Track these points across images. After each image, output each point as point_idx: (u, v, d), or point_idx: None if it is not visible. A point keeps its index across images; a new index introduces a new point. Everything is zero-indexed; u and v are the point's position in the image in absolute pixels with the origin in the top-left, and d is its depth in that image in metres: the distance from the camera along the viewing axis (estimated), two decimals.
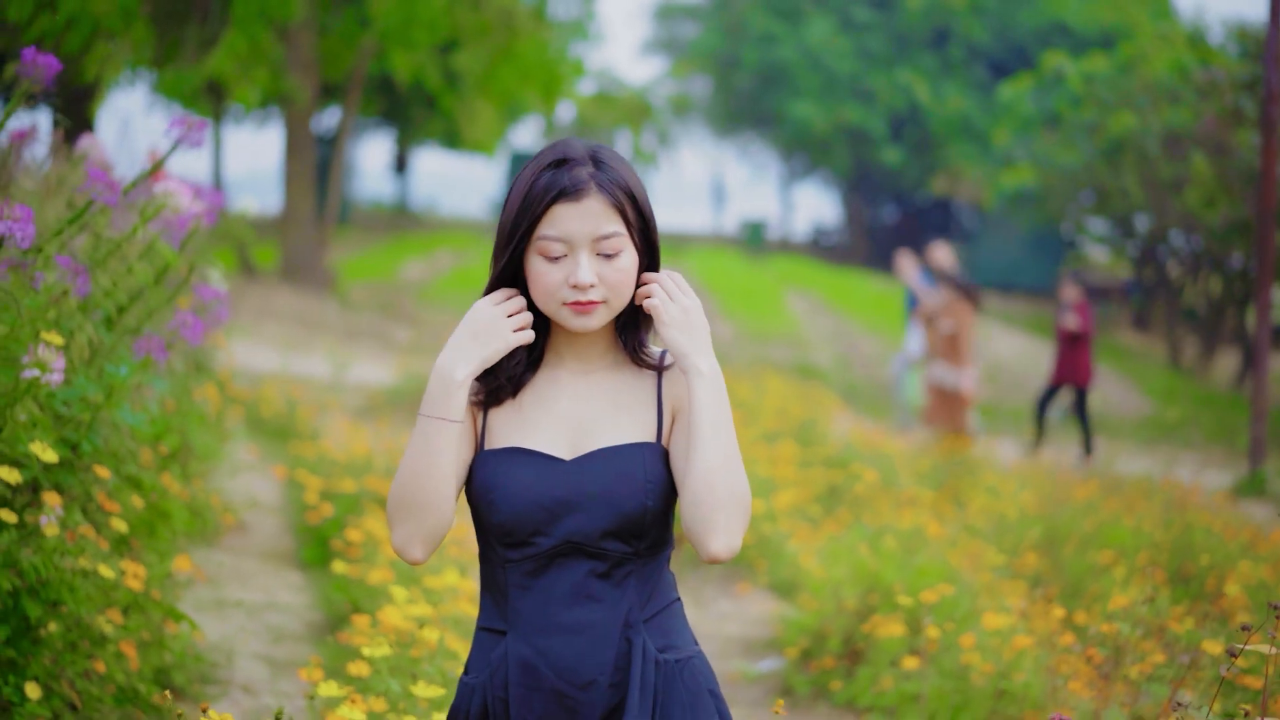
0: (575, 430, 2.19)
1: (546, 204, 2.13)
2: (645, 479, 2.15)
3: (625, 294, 2.17)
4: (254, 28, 16.98)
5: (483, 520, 2.18)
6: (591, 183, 2.15)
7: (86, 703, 3.65)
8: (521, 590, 2.16)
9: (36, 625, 3.48)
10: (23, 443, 3.36)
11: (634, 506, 2.14)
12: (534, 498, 2.14)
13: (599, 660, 2.14)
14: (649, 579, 2.19)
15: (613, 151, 2.22)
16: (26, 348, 3.30)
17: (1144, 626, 3.98)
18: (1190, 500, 7.96)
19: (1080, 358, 12.55)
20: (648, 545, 2.17)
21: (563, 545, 2.14)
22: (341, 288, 20.14)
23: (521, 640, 2.15)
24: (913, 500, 7.19)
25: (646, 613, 2.18)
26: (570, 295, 2.14)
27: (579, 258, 2.14)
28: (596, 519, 2.13)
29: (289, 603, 5.66)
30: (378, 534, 5.31)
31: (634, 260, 2.17)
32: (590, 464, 2.16)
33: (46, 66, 3.68)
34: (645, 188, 2.23)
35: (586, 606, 2.15)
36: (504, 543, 2.16)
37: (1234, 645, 1.88)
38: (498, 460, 2.17)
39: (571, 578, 2.14)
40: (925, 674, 4.43)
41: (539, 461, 2.16)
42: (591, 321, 2.16)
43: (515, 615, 2.16)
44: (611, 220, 2.15)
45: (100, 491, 3.90)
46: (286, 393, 9.89)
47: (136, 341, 3.77)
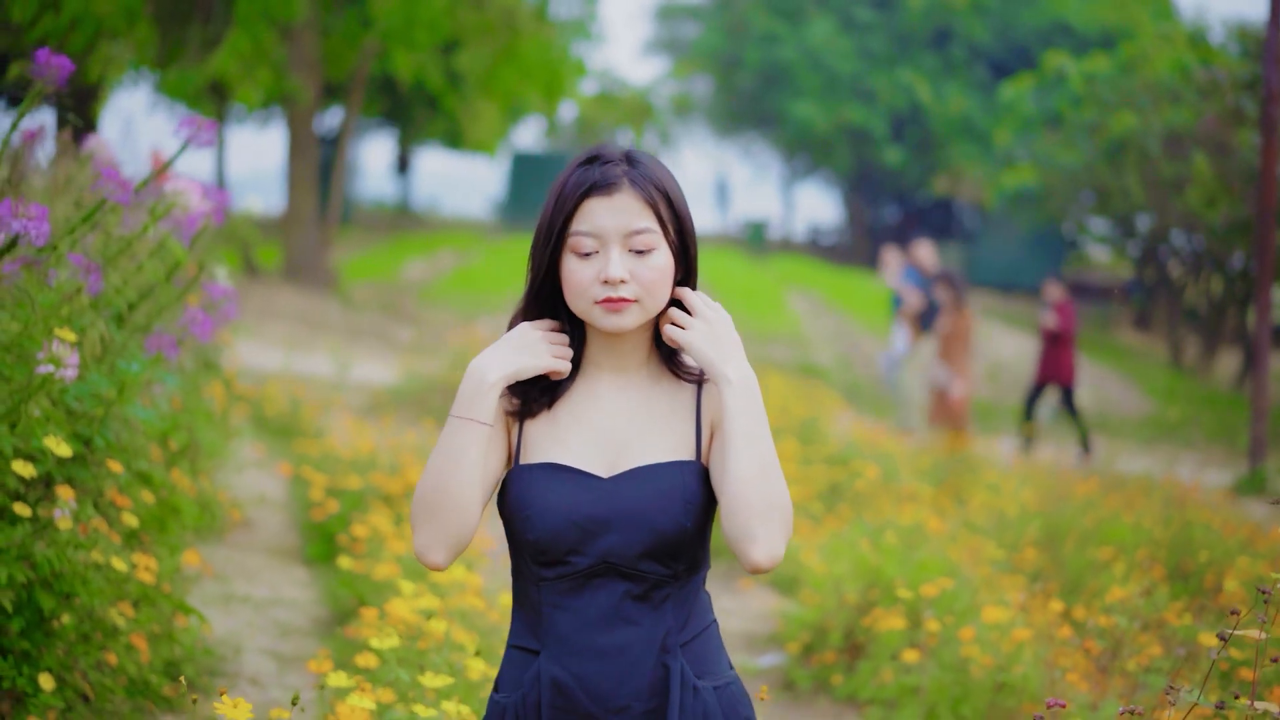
0: (612, 445, 2.14)
1: (578, 199, 2.11)
2: (684, 499, 2.09)
3: (659, 294, 2.11)
4: (257, 28, 17.03)
5: (517, 537, 2.12)
6: (625, 178, 2.12)
7: (99, 694, 3.71)
8: (556, 610, 2.10)
9: (50, 617, 3.53)
10: (37, 437, 3.41)
11: (672, 527, 2.08)
12: (569, 516, 2.08)
13: (634, 686, 2.08)
14: (686, 601, 2.13)
15: (650, 155, 2.19)
16: (41, 344, 3.35)
17: (1141, 620, 4.02)
18: (1190, 498, 8.01)
19: (1062, 357, 12.64)
20: (686, 567, 2.11)
21: (599, 565, 2.09)
22: (344, 287, 20.20)
23: (555, 661, 2.10)
24: (913, 496, 7.24)
25: (684, 636, 2.12)
26: (601, 292, 2.09)
27: (610, 253, 2.09)
28: (633, 540, 2.08)
29: (295, 598, 5.72)
30: (383, 530, 5.36)
31: (668, 260, 2.12)
32: (628, 482, 2.10)
33: (60, 67, 3.73)
34: (684, 194, 2.18)
35: (622, 629, 2.09)
36: (538, 561, 2.11)
37: (1224, 630, 1.93)
38: (533, 476, 2.12)
39: (608, 599, 2.09)
40: (925, 667, 4.49)
41: (575, 478, 2.11)
42: (624, 320, 2.10)
43: (549, 635, 2.11)
44: (644, 216, 2.11)
45: (111, 486, 3.95)
46: (290, 391, 9.95)
47: (148, 338, 3.82)
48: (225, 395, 6.91)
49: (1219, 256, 20.27)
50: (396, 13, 18.08)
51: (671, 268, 2.13)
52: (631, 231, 2.10)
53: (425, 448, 7.27)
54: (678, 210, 2.15)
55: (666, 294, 2.13)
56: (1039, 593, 5.09)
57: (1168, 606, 4.52)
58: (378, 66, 22.49)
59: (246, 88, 18.27)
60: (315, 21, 18.81)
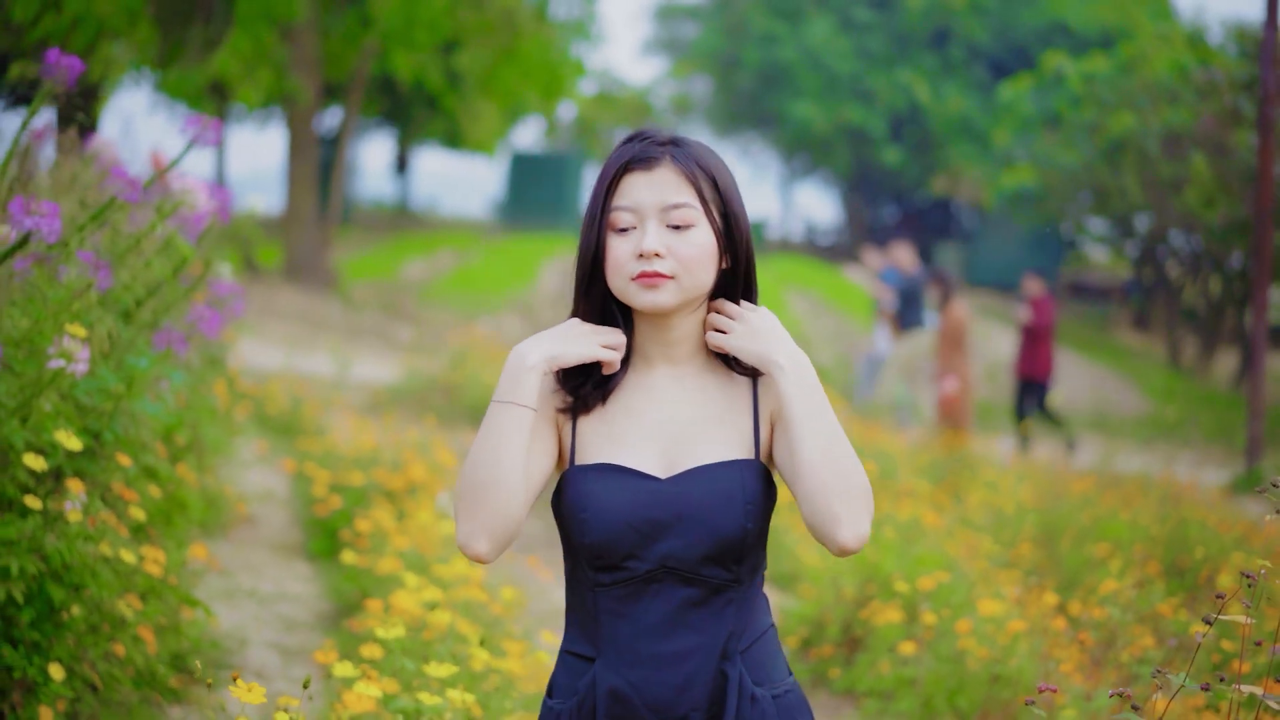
0: (669, 443, 2.07)
1: (618, 174, 2.06)
2: (745, 500, 2.02)
3: (698, 273, 2.05)
4: (258, 28, 17.08)
5: (572, 541, 2.05)
6: (666, 155, 2.07)
7: (107, 684, 3.76)
8: (613, 617, 2.04)
9: (59, 608, 3.58)
10: (48, 431, 3.46)
11: (734, 529, 2.01)
12: (627, 519, 2.02)
13: (694, 695, 2.02)
14: (746, 606, 2.06)
15: (702, 143, 2.13)
16: (51, 340, 3.41)
17: (1134, 612, 4.08)
18: (1186, 495, 8.06)
19: (1039, 352, 12.68)
20: (749, 570, 2.05)
21: (657, 570, 2.02)
22: (344, 287, 20.25)
23: (612, 670, 2.03)
24: (911, 493, 7.30)
25: (744, 643, 2.06)
26: (637, 267, 2.03)
27: (647, 227, 2.04)
28: (694, 543, 2.01)
29: (298, 593, 5.77)
30: (385, 525, 5.42)
31: (709, 239, 2.05)
32: (687, 483, 2.03)
33: (69, 68, 3.78)
34: (735, 180, 2.12)
35: (682, 636, 2.02)
36: (595, 565, 2.04)
37: (1210, 615, 1.98)
38: (588, 477, 2.05)
39: (666, 605, 2.02)
40: (922, 659, 4.54)
41: (633, 480, 2.04)
42: (659, 297, 2.04)
43: (605, 643, 2.05)
44: (683, 191, 2.05)
45: (118, 481, 4.00)
46: (291, 390, 10.00)
47: (157, 334, 3.88)
48: (229, 393, 6.96)
49: (1217, 257, 20.33)
50: (396, 13, 18.14)
51: (713, 247, 2.06)
52: (669, 205, 2.04)
53: (427, 445, 7.33)
54: (723, 193, 2.08)
55: (707, 275, 2.06)
56: (1034, 586, 5.15)
57: (1161, 599, 4.58)
58: (377, 66, 22.55)
59: (247, 88, 18.34)
60: (315, 22, 18.86)
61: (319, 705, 3.93)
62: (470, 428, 10.25)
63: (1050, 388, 12.93)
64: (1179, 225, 20.58)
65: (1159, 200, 19.88)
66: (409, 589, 3.84)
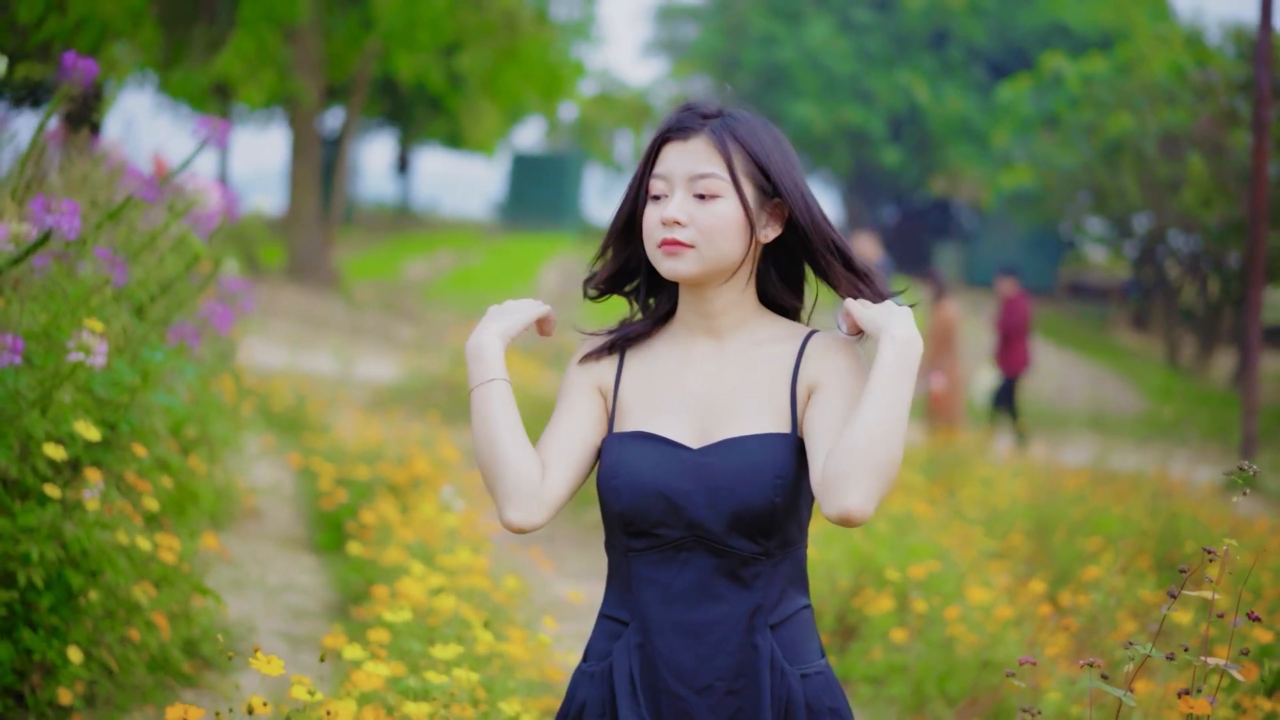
0: (704, 413, 2.10)
1: (658, 143, 2.11)
2: (775, 474, 2.03)
3: (719, 243, 2.07)
4: (261, 30, 17.19)
5: (607, 508, 2.09)
6: (704, 127, 2.09)
7: (123, 667, 3.88)
8: (644, 583, 2.07)
9: (78, 594, 3.70)
10: (67, 422, 3.59)
11: (760, 502, 2.02)
12: (656, 487, 2.05)
13: (719, 665, 2.04)
14: (778, 580, 2.07)
15: (755, 118, 2.13)
16: (69, 334, 3.53)
17: (1118, 598, 4.20)
18: (1177, 491, 8.18)
19: (1012, 349, 12.88)
20: (778, 544, 2.06)
21: (687, 539, 2.05)
22: (346, 287, 20.38)
23: (641, 635, 2.07)
24: (906, 486, 7.41)
25: (774, 618, 2.06)
26: (661, 234, 2.08)
27: (675, 195, 2.08)
28: (722, 514, 2.03)
29: (304, 584, 5.89)
30: (390, 518, 5.54)
31: (734, 210, 2.06)
32: (717, 454, 2.06)
33: (85, 70, 3.90)
34: (789, 158, 2.12)
35: (710, 606, 2.05)
36: (627, 531, 2.08)
37: (1173, 587, 2.10)
38: (622, 445, 2.10)
39: (696, 574, 2.05)
40: (913, 646, 4.66)
41: (663, 448, 2.08)
42: (679, 265, 2.07)
43: (637, 608, 2.08)
44: (711, 162, 2.07)
45: (130, 471, 4.12)
46: (296, 387, 10.12)
47: (171, 328, 4.00)
48: (235, 389, 7.08)
49: (1215, 257, 20.44)
50: (398, 14, 18.25)
51: (739, 219, 2.07)
52: (696, 175, 2.06)
53: (430, 440, 7.45)
54: (765, 166, 2.08)
55: (730, 246, 2.07)
56: (1023, 576, 5.26)
57: (1145, 586, 4.70)
58: (379, 68, 22.67)
59: (250, 89, 18.44)
60: (317, 23, 18.99)
61: (329, 687, 4.05)
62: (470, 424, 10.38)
63: (1017, 381, 13.16)
64: (1177, 225, 20.70)
65: (1157, 201, 20.00)
66: (415, 576, 3.96)
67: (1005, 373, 12.97)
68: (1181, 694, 2.12)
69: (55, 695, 3.70)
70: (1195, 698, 2.12)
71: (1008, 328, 12.83)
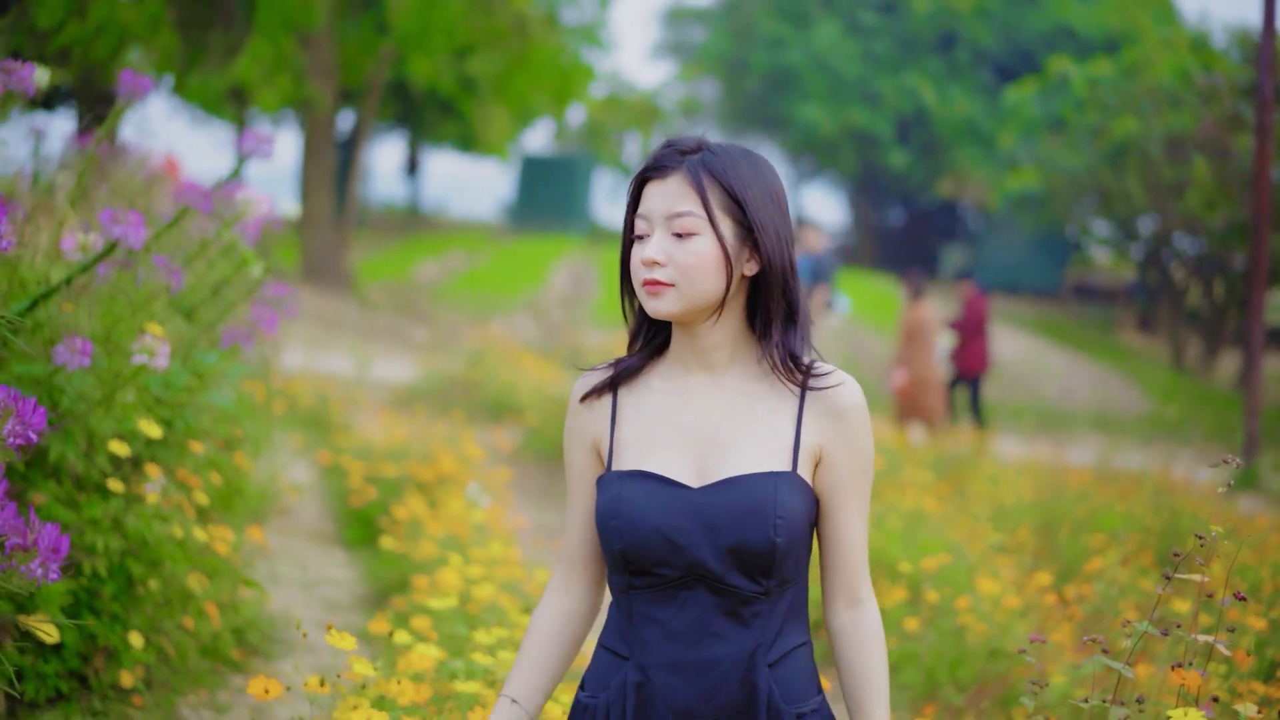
0: (704, 450, 2.08)
1: (639, 182, 2.11)
2: (776, 514, 2.02)
3: (698, 281, 2.04)
4: (277, 35, 17.40)
5: (607, 545, 2.09)
6: (682, 165, 2.07)
7: (179, 653, 4.10)
8: (645, 620, 2.08)
9: (138, 582, 3.93)
10: (130, 421, 3.81)
11: (760, 543, 2.01)
12: (656, 527, 2.04)
13: (718, 703, 2.05)
14: (778, 618, 2.07)
15: (737, 148, 2.11)
16: (134, 337, 3.75)
17: (1120, 587, 4.41)
18: (1180, 489, 8.38)
19: (970, 349, 13.31)
20: (778, 583, 2.05)
21: (687, 578, 2.05)
22: (359, 288, 20.61)
23: (640, 672, 2.08)
24: (916, 483, 7.62)
25: (773, 655, 2.07)
26: (642, 274, 2.08)
27: (655, 235, 2.07)
28: (721, 553, 2.03)
29: (338, 578, 6.12)
30: (420, 513, 5.76)
31: (711, 248, 2.04)
32: (717, 494, 2.04)
33: (141, 87, 4.12)
34: (770, 191, 2.10)
35: (710, 645, 2.05)
36: (628, 570, 2.08)
37: (1167, 570, 2.31)
38: (621, 484, 2.08)
39: (695, 612, 2.05)
40: (924, 635, 4.88)
41: (663, 487, 2.06)
42: (660, 304, 2.06)
43: (637, 644, 2.09)
44: (687, 200, 2.05)
45: (182, 468, 4.35)
46: (317, 388, 10.35)
47: (225, 332, 4.21)
48: (266, 389, 7.30)
49: (1220, 259, 20.62)
50: (412, 19, 18.48)
51: (715, 256, 2.05)
52: (673, 214, 2.05)
53: (455, 439, 7.68)
54: (741, 201, 2.06)
55: (709, 283, 2.05)
56: (1030, 569, 5.48)
57: (1145, 577, 4.91)
58: (392, 72, 22.90)
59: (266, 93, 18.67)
60: (332, 28, 19.23)
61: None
62: (490, 423, 10.61)
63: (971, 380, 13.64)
64: (1182, 228, 20.87)
65: (1162, 203, 20.17)
66: (453, 567, 4.17)
67: (965, 373, 13.42)
68: (1174, 666, 2.33)
69: (117, 678, 3.92)
70: (1187, 670, 2.33)
71: (965, 328, 13.32)
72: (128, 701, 3.99)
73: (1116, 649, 4.36)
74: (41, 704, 3.84)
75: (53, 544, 1.88)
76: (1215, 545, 2.31)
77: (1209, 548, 2.26)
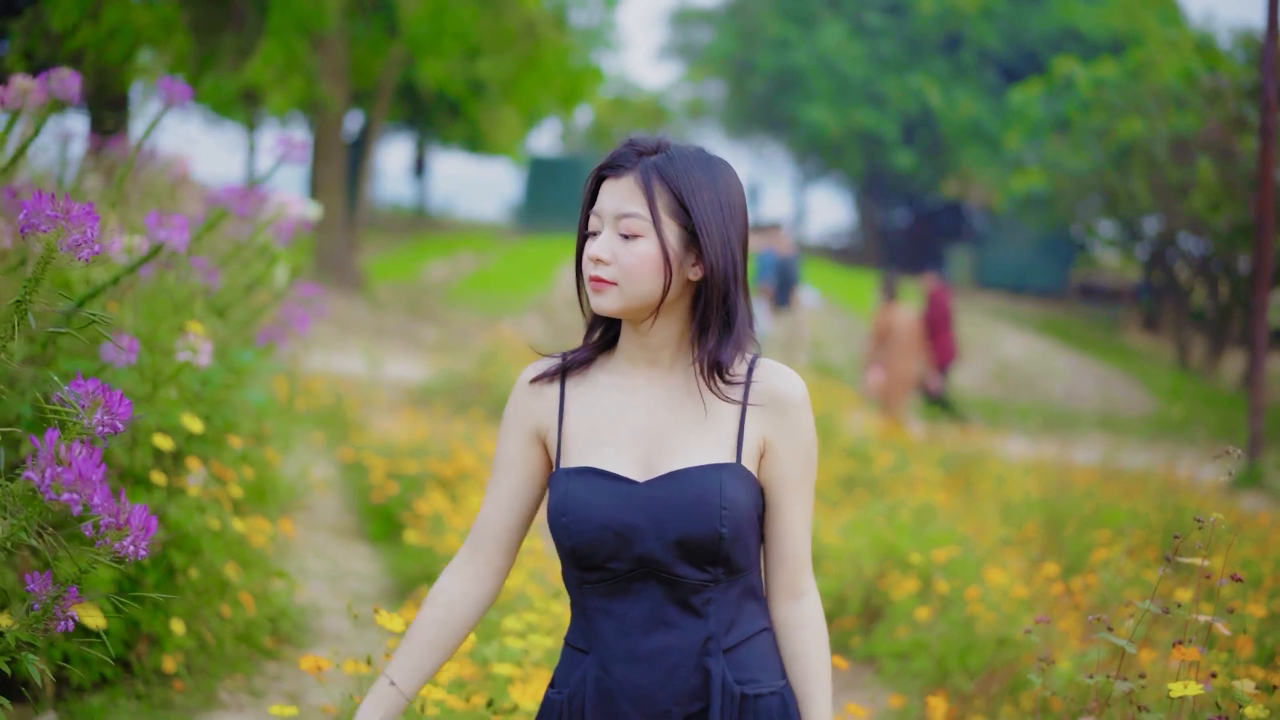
0: (649, 445, 2.13)
1: (595, 179, 2.16)
2: (721, 504, 2.07)
3: (640, 281, 2.09)
4: (289, 37, 17.55)
5: (558, 543, 2.14)
6: (635, 166, 2.11)
7: (217, 640, 4.26)
8: (600, 614, 2.13)
9: (178, 572, 4.08)
10: (173, 416, 3.97)
11: (706, 533, 2.06)
12: (605, 522, 2.08)
13: (674, 690, 2.09)
14: (730, 606, 2.12)
15: (696, 153, 2.14)
16: (177, 336, 3.90)
17: (1124, 578, 4.55)
18: (1184, 487, 8.51)
19: (936, 342, 13.68)
20: (725, 571, 2.10)
21: (637, 570, 2.10)
22: (370, 288, 20.77)
23: (599, 665, 2.13)
24: (925, 479, 7.78)
25: (728, 641, 2.12)
26: (588, 270, 2.13)
27: (604, 233, 2.12)
28: (668, 545, 2.07)
29: (361, 571, 6.27)
30: (442, 508, 5.91)
31: (653, 250, 2.08)
32: (662, 487, 2.09)
33: (180, 93, 4.27)
34: (722, 198, 2.13)
35: (663, 634, 2.10)
36: (579, 566, 2.12)
37: (1167, 552, 2.45)
38: (570, 481, 2.12)
39: (648, 604, 2.10)
40: (935, 624, 5.03)
41: (611, 483, 2.11)
42: (601, 301, 2.12)
43: (594, 638, 2.14)
44: (635, 202, 2.09)
45: (216, 462, 4.50)
46: (332, 387, 10.51)
47: (261, 331, 4.37)
48: (289, 388, 7.46)
49: (1225, 260, 20.73)
50: (424, 22, 18.64)
51: (656, 259, 2.09)
52: (621, 214, 2.10)
53: (473, 436, 7.83)
54: (691, 207, 2.10)
55: (649, 285, 2.10)
56: (1037, 560, 5.62)
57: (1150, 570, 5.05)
58: (402, 74, 23.06)
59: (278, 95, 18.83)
60: (343, 31, 19.40)
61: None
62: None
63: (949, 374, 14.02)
64: (1187, 229, 20.98)
65: (1167, 204, 20.28)
66: None
67: (933, 364, 13.78)
68: (1176, 644, 2.47)
69: (159, 663, 4.08)
70: (1187, 647, 2.47)
71: (930, 321, 13.66)
72: (169, 686, 4.15)
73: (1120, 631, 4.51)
74: (87, 688, 4.00)
75: (142, 523, 2.03)
76: (1214, 532, 2.46)
77: (1207, 532, 2.40)
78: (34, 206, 2.06)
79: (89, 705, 3.91)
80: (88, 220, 2.06)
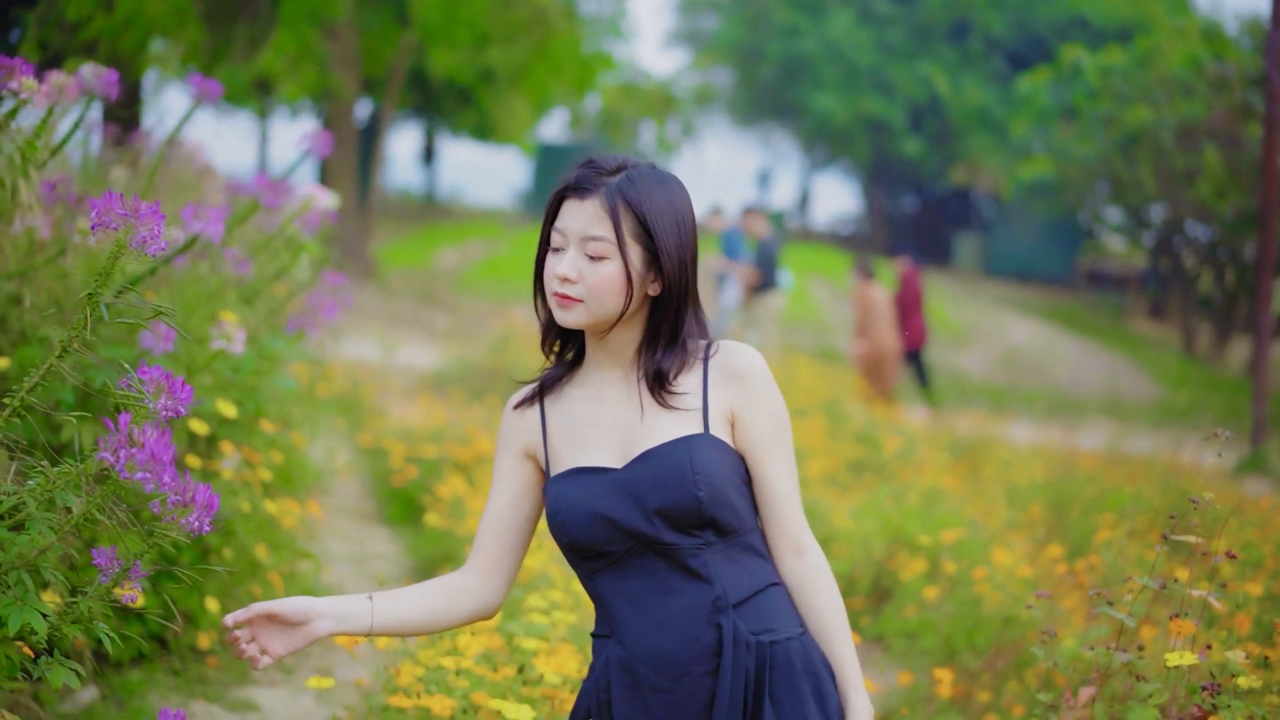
0: (624, 436, 2.26)
1: (558, 197, 2.26)
2: (694, 471, 2.19)
3: (604, 300, 2.22)
4: (301, 27, 17.67)
5: (559, 542, 2.26)
6: (601, 188, 2.22)
7: None
8: (614, 596, 2.24)
9: (212, 552, 4.23)
10: (209, 402, 4.11)
11: (684, 499, 2.18)
12: (592, 510, 2.21)
13: (690, 651, 2.19)
14: (731, 565, 2.23)
15: (653, 173, 2.26)
16: (212, 324, 4.05)
17: (1127, 558, 4.69)
18: (1188, 472, 8.64)
19: (907, 324, 14.09)
20: (716, 533, 2.22)
21: (634, 546, 2.22)
22: (382, 276, 20.91)
23: (619, 644, 2.24)
24: (932, 463, 7.92)
25: (736, 597, 2.21)
26: (554, 286, 2.24)
27: (569, 252, 2.23)
28: (652, 517, 2.19)
29: (383, 552, 6.43)
30: (461, 491, 6.06)
31: (619, 272, 2.21)
32: (639, 468, 2.22)
33: (211, 90, 4.41)
34: (679, 219, 2.26)
35: (673, 600, 2.20)
36: (582, 557, 2.25)
37: (1165, 530, 2.59)
38: (559, 484, 2.26)
39: (652, 576, 2.22)
40: (943, 604, 5.18)
41: (593, 476, 2.24)
42: (568, 316, 2.24)
43: (613, 620, 2.25)
44: (601, 225, 2.21)
45: (247, 446, 4.65)
46: (349, 373, 10.65)
47: (291, 319, 4.51)
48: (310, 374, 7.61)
49: (1231, 247, 20.82)
50: (435, 11, 18.74)
51: (620, 280, 2.21)
52: (586, 237, 2.21)
53: (489, 421, 7.98)
54: (652, 229, 2.22)
55: (613, 303, 2.23)
56: (1042, 542, 5.77)
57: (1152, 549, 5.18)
58: (413, 62, 23.16)
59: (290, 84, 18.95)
60: (355, 19, 19.51)
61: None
62: None
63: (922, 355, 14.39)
64: (1193, 216, 21.07)
65: (1173, 191, 20.36)
66: None
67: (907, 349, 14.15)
68: (1173, 616, 2.61)
69: (195, 640, 4.24)
70: (1184, 620, 2.61)
71: (900, 303, 14.03)
72: (204, 662, 4.30)
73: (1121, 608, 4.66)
74: (125, 664, 4.15)
75: (206, 501, 2.17)
76: (1210, 511, 2.59)
77: (1204, 510, 2.54)
78: (104, 205, 2.20)
79: (128, 680, 4.06)
80: (154, 218, 2.20)
